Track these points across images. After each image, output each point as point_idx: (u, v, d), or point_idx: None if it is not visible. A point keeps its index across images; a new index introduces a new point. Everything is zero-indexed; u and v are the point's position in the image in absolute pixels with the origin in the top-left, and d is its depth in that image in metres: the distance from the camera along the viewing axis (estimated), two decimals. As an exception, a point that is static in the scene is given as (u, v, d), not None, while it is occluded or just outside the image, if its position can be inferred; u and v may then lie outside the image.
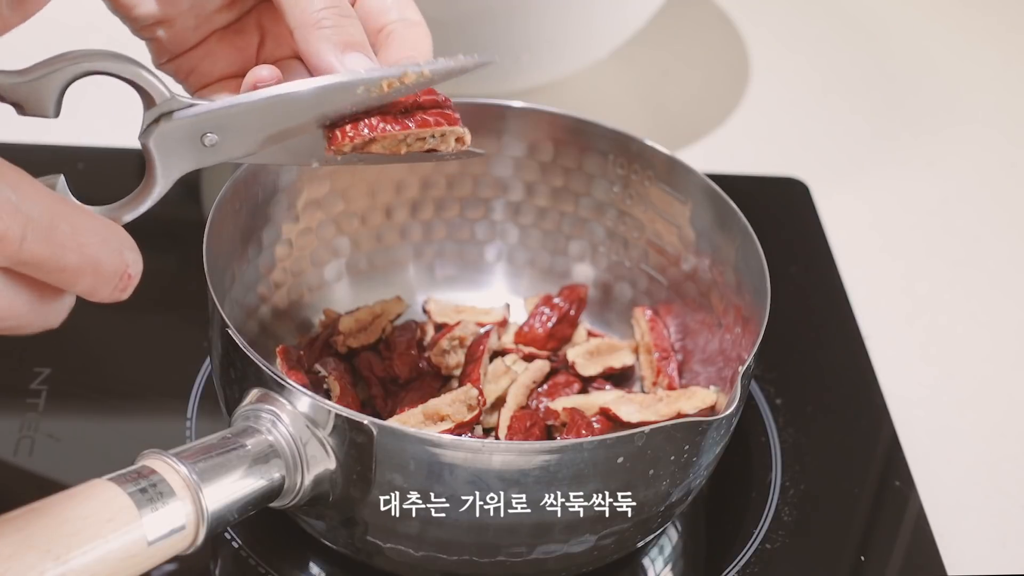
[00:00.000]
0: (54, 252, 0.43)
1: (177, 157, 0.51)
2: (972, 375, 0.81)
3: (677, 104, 1.01)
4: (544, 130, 0.73)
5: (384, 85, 0.52)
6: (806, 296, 0.83)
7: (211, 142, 0.52)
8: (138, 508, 0.48)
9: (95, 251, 0.44)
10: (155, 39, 0.58)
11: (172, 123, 0.51)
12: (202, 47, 0.59)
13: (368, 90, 0.52)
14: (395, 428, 0.55)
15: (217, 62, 0.59)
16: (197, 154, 0.52)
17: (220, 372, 0.61)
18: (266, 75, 0.55)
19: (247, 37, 0.60)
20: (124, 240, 0.46)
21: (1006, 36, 1.15)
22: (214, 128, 0.51)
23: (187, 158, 0.52)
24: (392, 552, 0.58)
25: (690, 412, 0.65)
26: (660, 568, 0.65)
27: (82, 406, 0.69)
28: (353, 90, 0.52)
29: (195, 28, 0.58)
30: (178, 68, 0.59)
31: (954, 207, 0.95)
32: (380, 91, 0.52)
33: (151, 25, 0.57)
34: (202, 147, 0.52)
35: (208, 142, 0.52)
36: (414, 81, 0.52)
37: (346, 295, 0.73)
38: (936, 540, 0.68)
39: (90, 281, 0.45)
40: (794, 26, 1.13)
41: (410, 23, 0.58)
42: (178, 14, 0.57)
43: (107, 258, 0.45)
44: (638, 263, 0.74)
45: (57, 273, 0.44)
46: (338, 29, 0.54)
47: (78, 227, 0.44)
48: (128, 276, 0.46)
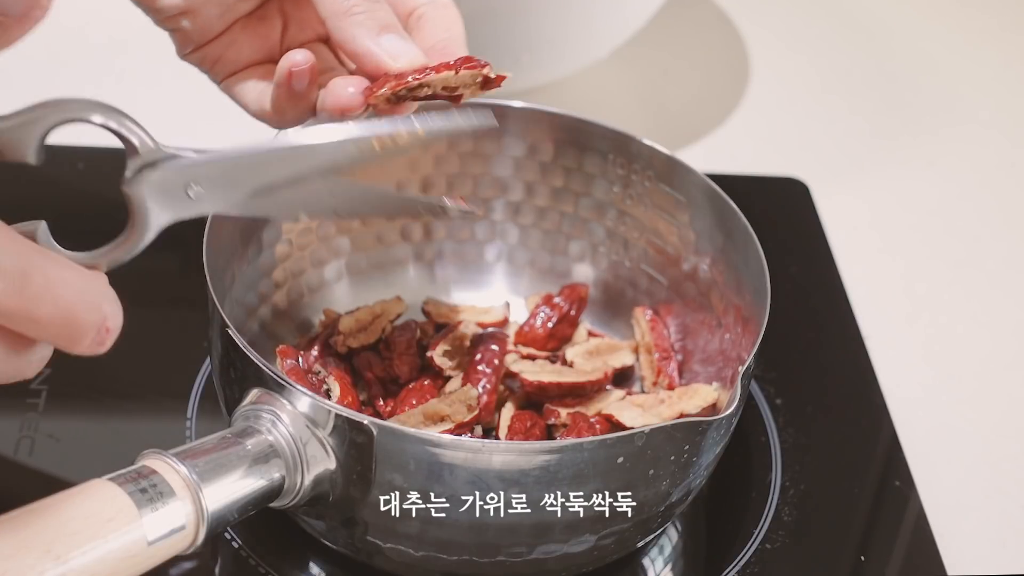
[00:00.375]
0: (27, 304, 0.42)
1: (159, 208, 0.50)
2: (972, 375, 0.81)
3: (677, 104, 1.01)
4: (544, 130, 0.73)
5: (375, 144, 0.50)
6: (806, 296, 0.83)
7: (196, 194, 0.50)
8: (138, 508, 0.48)
9: (70, 304, 0.43)
10: (179, 30, 0.58)
11: (156, 173, 0.49)
12: (226, 36, 0.59)
13: (358, 147, 0.50)
14: (395, 428, 0.55)
15: (242, 50, 0.59)
16: (180, 205, 0.50)
17: (220, 372, 0.61)
18: (300, 59, 0.54)
19: (270, 23, 0.60)
20: (103, 292, 0.45)
21: (1006, 36, 1.15)
22: (198, 180, 0.50)
23: (170, 209, 0.50)
24: (392, 552, 0.58)
25: (692, 412, 0.65)
26: (660, 568, 0.65)
27: (82, 406, 0.69)
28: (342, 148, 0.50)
29: (219, 17, 0.58)
30: (203, 58, 0.59)
31: (954, 207, 0.95)
32: (371, 150, 0.51)
33: (175, 16, 0.57)
34: (186, 199, 0.50)
35: (193, 194, 0.50)
36: (407, 141, 0.51)
37: (346, 295, 0.73)
38: (936, 540, 0.68)
39: (66, 333, 0.43)
40: (794, 26, 1.13)
41: (440, 5, 0.57)
42: (202, 3, 0.57)
43: (83, 311, 0.44)
44: (638, 263, 0.74)
45: (29, 324, 0.42)
46: (371, 14, 0.54)
47: (52, 279, 0.42)
48: (106, 330, 0.45)
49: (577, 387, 0.66)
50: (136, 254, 0.50)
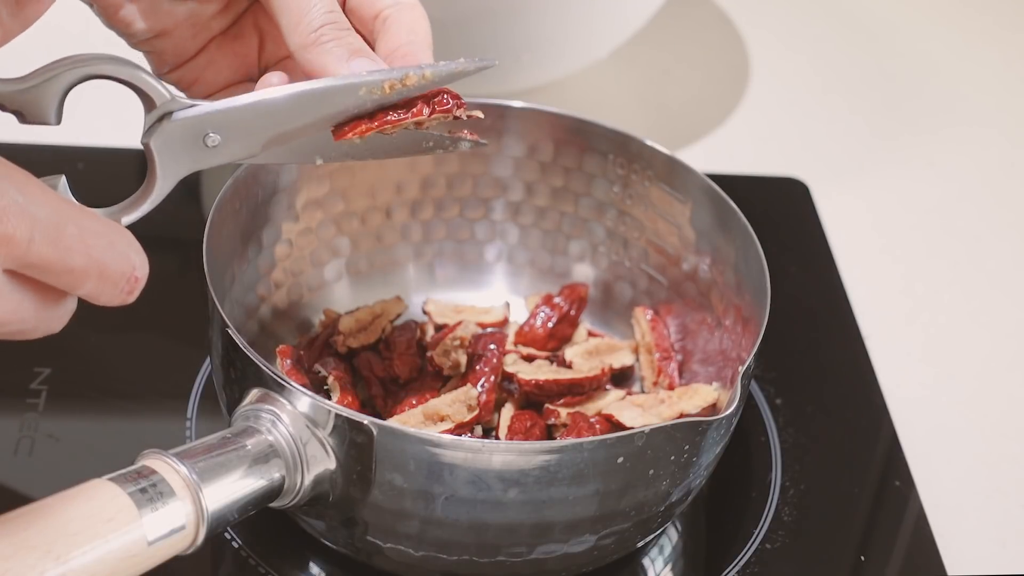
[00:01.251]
0: (61, 255, 0.42)
1: (179, 158, 0.51)
2: (972, 375, 0.81)
3: (677, 104, 1.01)
4: (544, 130, 0.73)
5: (386, 87, 0.52)
6: (806, 296, 0.83)
7: (213, 143, 0.51)
8: (138, 508, 0.48)
9: (101, 253, 0.44)
10: (154, 52, 0.58)
11: (173, 124, 0.51)
12: (202, 56, 0.59)
13: (370, 91, 0.52)
14: (395, 428, 0.55)
15: (221, 70, 0.59)
16: (199, 155, 0.52)
17: (220, 372, 0.61)
18: (276, 82, 0.55)
19: (246, 41, 0.60)
20: (130, 242, 0.45)
21: (1006, 36, 1.15)
22: (216, 128, 0.51)
23: (189, 159, 0.51)
24: (392, 552, 0.58)
25: (692, 412, 0.65)
26: (660, 568, 0.65)
27: (82, 406, 0.69)
28: (355, 91, 0.52)
29: (193, 37, 0.58)
30: (180, 79, 0.59)
31: (954, 207, 0.95)
32: (382, 92, 0.52)
33: (149, 39, 0.57)
34: (204, 148, 0.51)
35: (210, 143, 0.51)
36: (415, 83, 0.53)
37: (346, 295, 0.73)
38: (936, 540, 0.68)
39: (96, 284, 0.44)
40: (794, 26, 1.13)
41: (405, 6, 0.57)
42: (175, 25, 0.57)
43: (113, 260, 0.44)
44: (638, 263, 0.74)
45: (64, 276, 0.43)
46: (339, 41, 0.54)
47: (84, 229, 0.43)
48: (135, 279, 0.45)
49: (576, 384, 0.66)
50: (156, 205, 0.51)
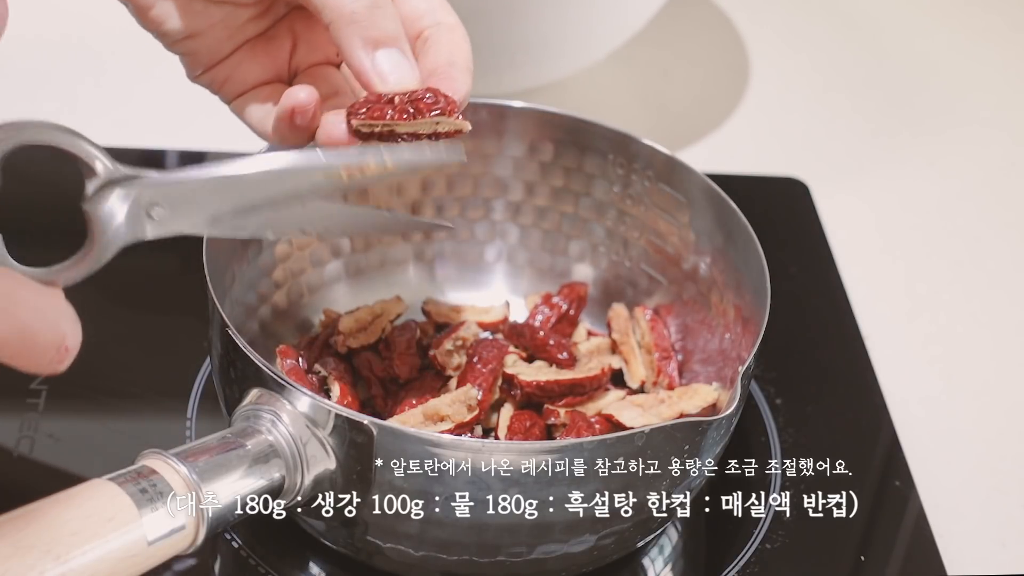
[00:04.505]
0: None
1: (120, 228, 0.49)
2: (972, 375, 0.81)
3: (677, 104, 1.01)
4: (544, 130, 0.73)
5: (343, 174, 0.50)
6: (806, 296, 0.83)
7: (159, 216, 0.49)
8: (138, 508, 0.48)
9: (28, 323, 0.42)
10: (188, 53, 0.58)
11: (118, 192, 0.49)
12: (234, 57, 0.58)
13: (328, 176, 0.50)
14: (395, 428, 0.55)
15: (250, 70, 0.59)
16: (142, 226, 0.50)
17: (220, 372, 0.61)
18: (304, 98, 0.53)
19: (279, 43, 0.59)
20: (61, 310, 0.44)
21: (1007, 35, 1.15)
22: (162, 201, 0.49)
23: (131, 229, 0.49)
24: (392, 552, 0.58)
25: (692, 412, 0.65)
26: (660, 568, 0.65)
27: (82, 406, 0.69)
28: (310, 175, 0.50)
29: (227, 39, 0.58)
30: (212, 80, 0.59)
31: (954, 207, 0.95)
32: (339, 179, 0.50)
33: (182, 40, 0.57)
34: (149, 219, 0.49)
35: (156, 215, 0.49)
36: (375, 172, 0.51)
37: (346, 295, 0.73)
38: (936, 540, 0.68)
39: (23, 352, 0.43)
40: (794, 26, 1.13)
41: (447, 27, 0.56)
42: (208, 27, 0.57)
43: (42, 331, 0.43)
44: (638, 263, 0.74)
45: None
46: (370, 24, 0.52)
47: (11, 297, 0.42)
48: (65, 349, 0.44)
49: (576, 384, 0.66)
50: (94, 271, 0.49)
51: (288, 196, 0.51)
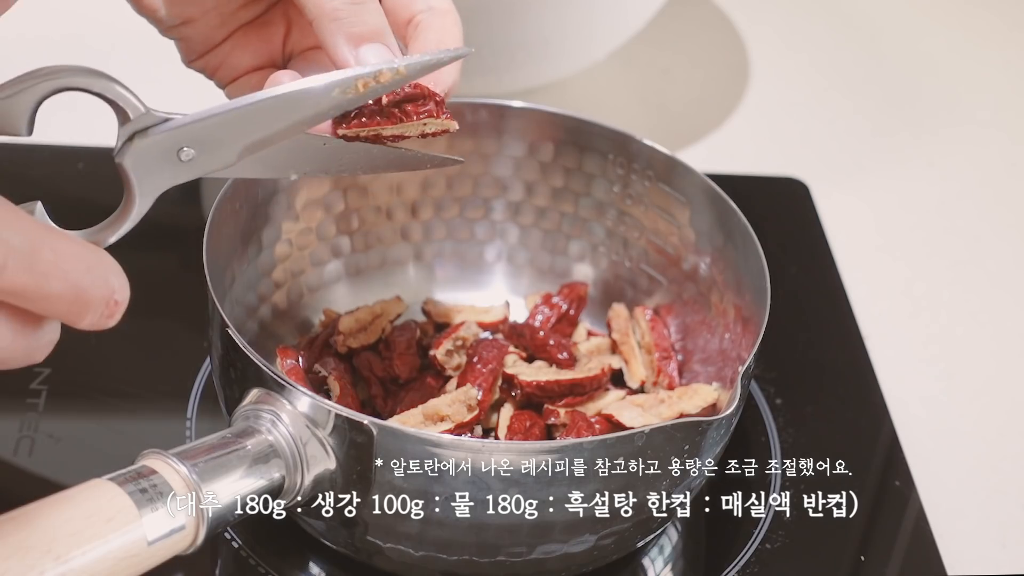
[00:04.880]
0: (37, 280, 0.42)
1: (154, 175, 0.50)
2: (972, 375, 0.81)
3: (677, 104, 1.01)
4: (544, 130, 0.73)
5: (359, 85, 0.51)
6: (806, 296, 0.83)
7: (188, 156, 0.50)
8: (138, 508, 0.48)
9: (80, 278, 0.43)
10: (182, 39, 0.59)
11: (147, 140, 0.50)
12: (228, 42, 0.59)
13: (343, 91, 0.51)
14: (395, 428, 0.55)
15: (244, 55, 0.59)
16: (174, 170, 0.50)
17: (220, 372, 0.61)
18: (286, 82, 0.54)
19: (273, 28, 0.60)
20: (110, 266, 0.44)
21: (1007, 35, 1.15)
22: (190, 142, 0.50)
23: (164, 175, 0.50)
24: (392, 552, 0.58)
25: (692, 412, 0.65)
26: (660, 568, 0.65)
27: (82, 406, 0.69)
28: (328, 93, 0.51)
29: (220, 26, 0.58)
30: (207, 65, 0.59)
31: (954, 206, 0.95)
32: (356, 91, 0.51)
33: (176, 26, 0.58)
34: (179, 162, 0.50)
35: (185, 157, 0.50)
36: (390, 79, 0.52)
37: (346, 295, 0.73)
38: (936, 540, 0.68)
39: (76, 309, 0.43)
40: (794, 26, 1.13)
41: (438, 12, 0.57)
42: (202, 14, 0.58)
43: (92, 285, 0.43)
44: (638, 263, 0.74)
45: (41, 302, 0.42)
46: (352, 20, 0.53)
47: (62, 254, 0.42)
48: (115, 303, 0.44)
49: (576, 384, 0.66)
50: (135, 224, 0.50)
51: (309, 118, 0.51)
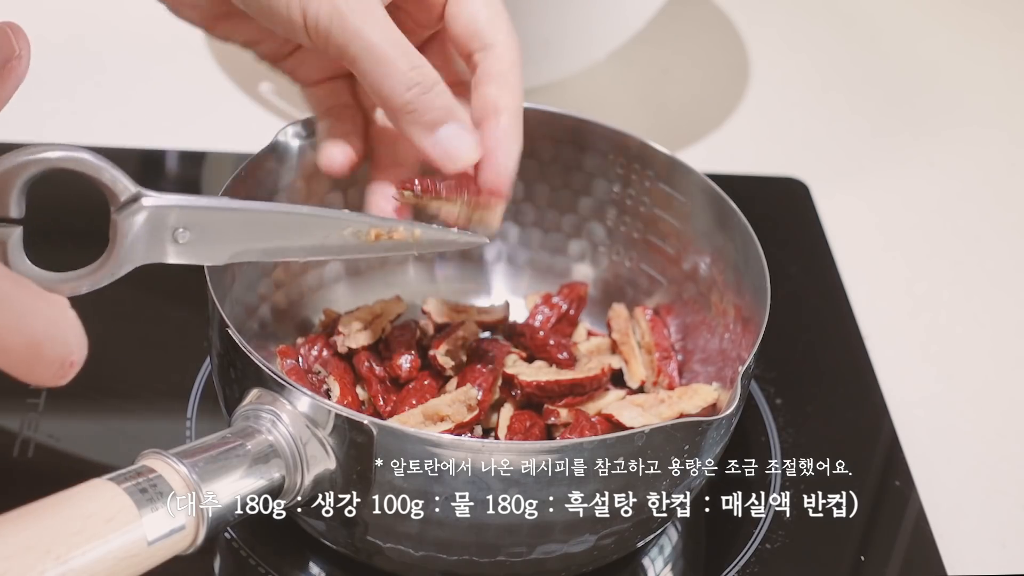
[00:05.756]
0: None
1: (142, 244, 0.49)
2: (972, 375, 0.81)
3: (677, 104, 1.01)
4: (544, 130, 0.73)
5: (372, 234, 0.52)
6: (806, 296, 0.83)
7: (184, 239, 0.50)
8: (138, 508, 0.48)
9: (39, 336, 0.42)
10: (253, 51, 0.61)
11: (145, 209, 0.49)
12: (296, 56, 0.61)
13: (356, 234, 0.52)
14: (395, 428, 0.55)
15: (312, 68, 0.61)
16: (164, 247, 0.50)
17: (220, 372, 0.61)
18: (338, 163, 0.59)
19: None
20: (71, 325, 0.43)
21: (1007, 35, 1.15)
22: (188, 225, 0.50)
23: (154, 249, 0.50)
24: (392, 552, 0.58)
25: (692, 412, 0.65)
26: (660, 568, 0.65)
27: (82, 406, 0.69)
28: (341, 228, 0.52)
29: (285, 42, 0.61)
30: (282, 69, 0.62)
31: (955, 206, 0.95)
32: (367, 239, 0.52)
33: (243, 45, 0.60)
34: (173, 242, 0.50)
35: (181, 239, 0.50)
36: (402, 238, 0.53)
37: (346, 295, 0.73)
38: (936, 540, 0.68)
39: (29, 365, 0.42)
40: (794, 26, 1.13)
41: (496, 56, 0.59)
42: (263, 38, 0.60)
43: (51, 345, 0.42)
44: (638, 263, 0.74)
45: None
46: (423, 110, 0.55)
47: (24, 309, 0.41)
48: (71, 364, 0.43)
49: (577, 384, 0.66)
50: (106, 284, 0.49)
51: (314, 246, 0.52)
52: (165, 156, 0.86)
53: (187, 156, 0.86)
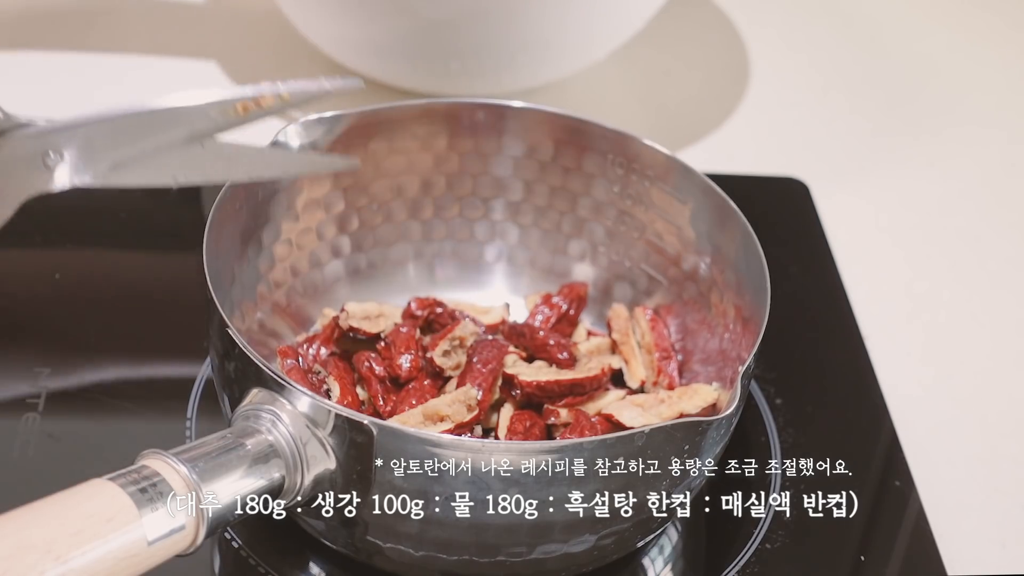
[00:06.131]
0: None
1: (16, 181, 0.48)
2: (972, 375, 0.81)
3: (677, 104, 1.01)
4: (544, 130, 0.73)
5: (239, 107, 0.50)
6: (806, 296, 0.83)
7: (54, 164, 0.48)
8: (138, 508, 0.48)
9: None
10: None
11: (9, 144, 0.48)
12: None
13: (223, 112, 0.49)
14: (395, 428, 0.55)
15: None
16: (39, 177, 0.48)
17: (220, 372, 0.61)
18: None
19: None
20: None
21: (1007, 35, 1.15)
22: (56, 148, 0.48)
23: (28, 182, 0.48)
24: (392, 552, 0.58)
25: (692, 412, 0.65)
26: (660, 568, 0.65)
27: (82, 406, 0.69)
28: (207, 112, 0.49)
29: None
30: None
31: (955, 206, 0.95)
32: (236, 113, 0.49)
33: None
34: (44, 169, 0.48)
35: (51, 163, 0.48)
36: (271, 104, 0.50)
37: (346, 295, 0.73)
38: (936, 540, 0.68)
39: None
40: (794, 26, 1.13)
41: None
42: None
43: None
44: (638, 263, 0.74)
45: None
46: None
47: None
48: None
49: (577, 384, 0.66)
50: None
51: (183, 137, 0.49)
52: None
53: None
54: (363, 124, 0.70)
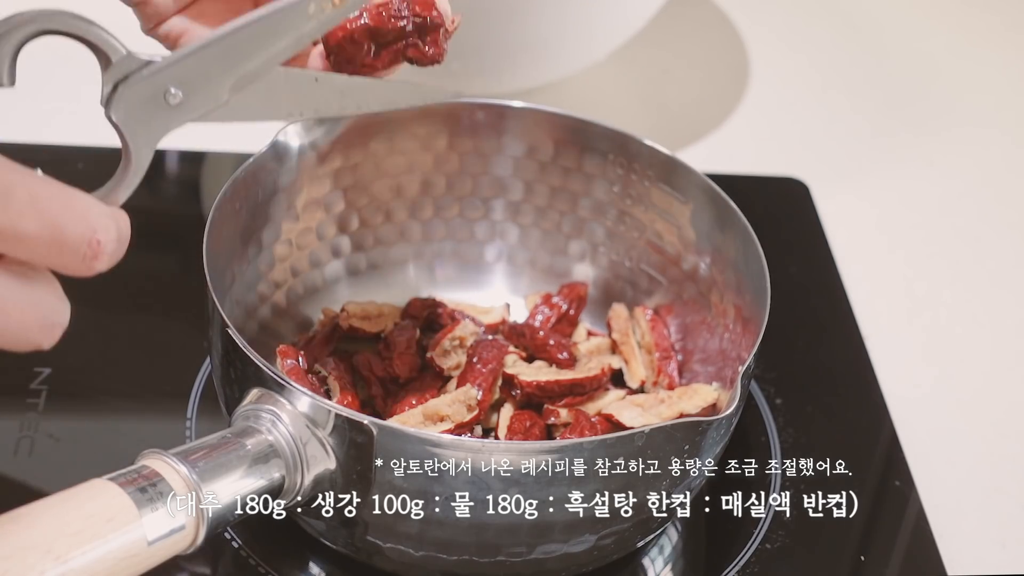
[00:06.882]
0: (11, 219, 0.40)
1: (146, 123, 0.48)
2: (972, 375, 0.81)
3: (677, 104, 1.01)
4: (544, 130, 0.73)
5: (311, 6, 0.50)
6: (806, 296, 0.83)
7: (176, 100, 0.48)
8: (138, 508, 0.48)
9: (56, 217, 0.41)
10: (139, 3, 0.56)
11: (132, 87, 0.47)
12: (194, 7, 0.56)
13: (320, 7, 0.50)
14: (395, 428, 0.55)
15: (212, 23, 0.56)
16: (166, 115, 0.48)
17: (220, 372, 0.61)
18: None
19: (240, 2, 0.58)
20: (89, 205, 0.42)
21: (1007, 35, 1.15)
22: (176, 83, 0.48)
23: (157, 122, 0.48)
24: (392, 552, 0.58)
25: (692, 412, 0.65)
26: (660, 568, 0.65)
27: (82, 406, 0.69)
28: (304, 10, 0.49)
29: None
30: (168, 33, 0.56)
31: (955, 206, 0.95)
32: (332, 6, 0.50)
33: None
34: (169, 107, 0.48)
35: (173, 100, 0.48)
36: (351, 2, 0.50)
37: (346, 295, 0.73)
38: (936, 540, 0.68)
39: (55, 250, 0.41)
40: (794, 26, 1.13)
41: None
42: None
43: (70, 224, 0.41)
44: (638, 263, 0.74)
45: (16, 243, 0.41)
46: None
47: (36, 193, 0.41)
48: (96, 242, 0.42)
49: (577, 384, 0.66)
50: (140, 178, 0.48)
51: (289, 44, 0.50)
52: (165, 156, 0.86)
53: (187, 156, 0.86)
54: (363, 124, 0.70)
